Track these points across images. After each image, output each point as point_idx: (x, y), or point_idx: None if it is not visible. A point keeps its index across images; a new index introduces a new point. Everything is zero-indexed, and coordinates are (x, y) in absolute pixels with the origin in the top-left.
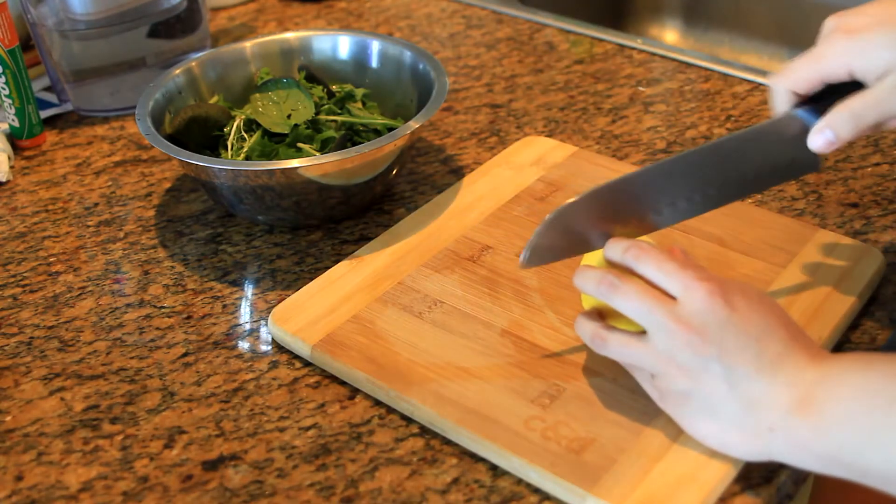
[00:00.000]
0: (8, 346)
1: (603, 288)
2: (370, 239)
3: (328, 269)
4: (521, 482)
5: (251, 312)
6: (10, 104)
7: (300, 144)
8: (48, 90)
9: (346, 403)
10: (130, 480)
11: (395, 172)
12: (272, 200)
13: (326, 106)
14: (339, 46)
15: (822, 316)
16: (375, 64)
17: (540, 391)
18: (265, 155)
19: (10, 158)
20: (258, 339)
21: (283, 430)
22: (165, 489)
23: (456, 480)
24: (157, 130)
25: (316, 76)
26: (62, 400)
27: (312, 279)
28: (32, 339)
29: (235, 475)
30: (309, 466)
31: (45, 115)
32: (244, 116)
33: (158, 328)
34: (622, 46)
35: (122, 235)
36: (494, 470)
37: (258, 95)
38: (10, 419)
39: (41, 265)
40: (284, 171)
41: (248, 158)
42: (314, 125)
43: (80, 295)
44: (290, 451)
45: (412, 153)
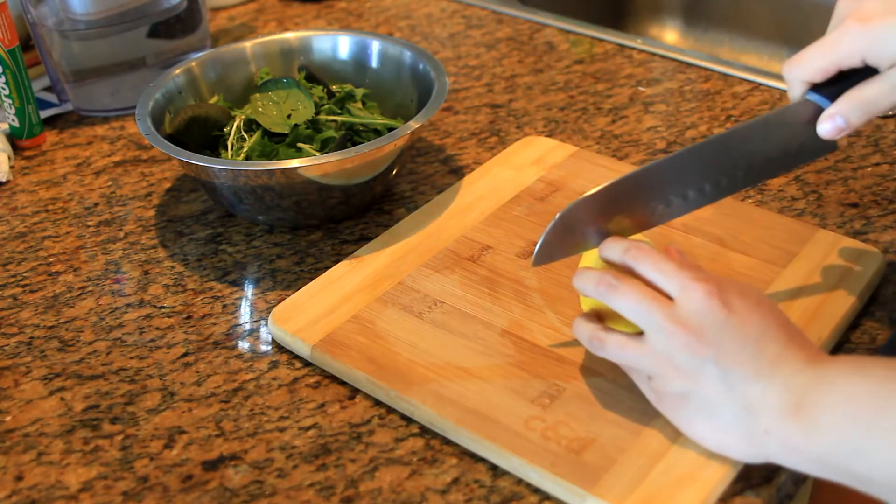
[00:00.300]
0: (8, 346)
1: (601, 288)
2: (370, 239)
3: (328, 269)
4: (521, 482)
5: (251, 312)
6: (10, 104)
7: (300, 144)
8: (48, 90)
9: (346, 403)
10: (130, 480)
11: (395, 172)
12: (272, 200)
13: (326, 106)
14: (339, 46)
15: (822, 316)
16: (375, 64)
17: (540, 391)
18: (265, 155)
19: (10, 158)
20: (258, 339)
21: (283, 430)
22: (165, 489)
23: (456, 480)
24: (157, 130)
25: (316, 76)
26: (62, 400)
27: (312, 279)
28: (32, 339)
29: (235, 475)
30: (309, 466)
31: (45, 115)
32: (244, 116)
33: (158, 328)
34: (622, 46)
35: (122, 235)
36: (494, 470)
37: (258, 95)
38: (10, 419)
39: (41, 265)
40: (284, 171)
41: (248, 158)
42: (314, 125)
43: (80, 295)
44: (290, 451)
45: (412, 153)
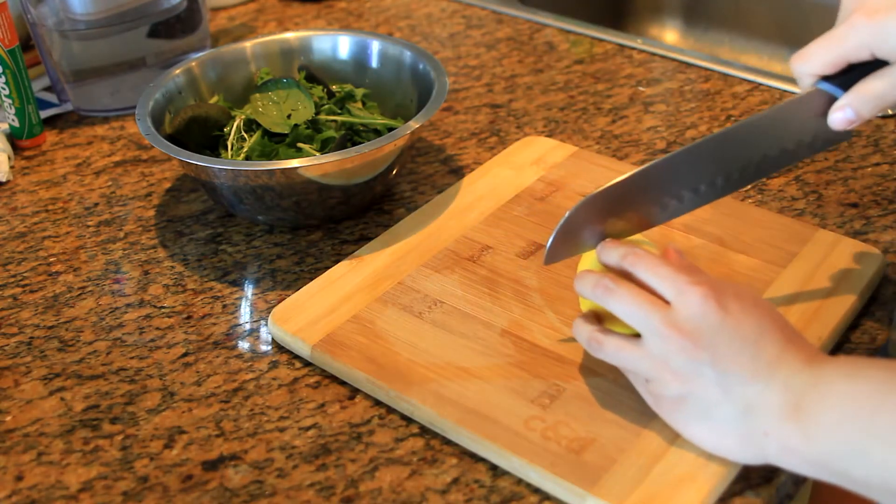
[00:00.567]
0: (8, 346)
1: (599, 291)
2: (370, 239)
3: (328, 269)
4: (521, 482)
5: (251, 312)
6: (10, 104)
7: (300, 144)
8: (48, 90)
9: (346, 403)
10: (130, 480)
11: (395, 172)
12: (272, 200)
13: (326, 106)
14: (339, 46)
15: (822, 316)
16: (375, 64)
17: (540, 391)
18: (265, 155)
19: (10, 158)
20: (258, 339)
21: (283, 430)
22: (165, 489)
23: (456, 480)
24: (157, 130)
25: (316, 76)
26: (62, 400)
27: (312, 279)
28: (32, 339)
29: (235, 475)
30: (309, 466)
31: (45, 115)
32: (244, 116)
33: (158, 328)
34: (622, 46)
35: (122, 235)
36: (494, 470)
37: (258, 95)
38: (10, 419)
39: (41, 265)
40: (284, 171)
41: (248, 158)
42: (314, 125)
43: (80, 295)
44: (290, 451)
45: (412, 153)
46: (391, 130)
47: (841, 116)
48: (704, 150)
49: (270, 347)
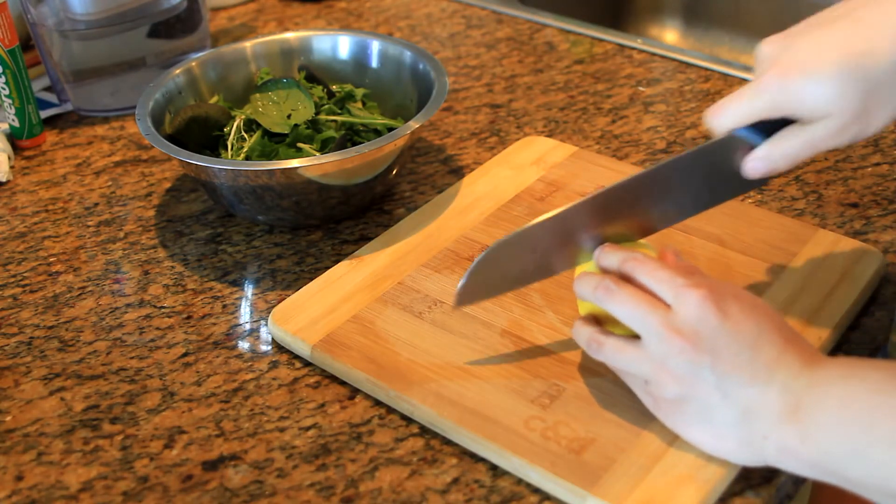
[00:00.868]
0: (8, 346)
1: (599, 293)
2: (370, 239)
3: (328, 269)
4: (521, 482)
5: (251, 312)
6: (10, 104)
7: (300, 144)
8: (48, 90)
9: (346, 403)
10: (130, 480)
11: (395, 172)
12: (272, 200)
13: (326, 106)
14: (339, 46)
15: (822, 316)
16: (375, 64)
17: (540, 391)
18: (265, 155)
19: (10, 158)
20: (258, 339)
21: (283, 430)
22: (165, 489)
23: (456, 480)
24: (157, 130)
25: (316, 76)
26: (62, 400)
27: (312, 279)
28: (32, 339)
29: (235, 475)
30: (309, 466)
31: (45, 115)
32: (244, 116)
33: (158, 328)
34: (622, 46)
35: (122, 235)
36: (494, 470)
37: (258, 95)
38: (10, 419)
39: (41, 265)
40: (284, 171)
41: (248, 158)
42: (314, 125)
43: (80, 295)
44: (290, 451)
45: (412, 153)
46: (391, 130)
47: (755, 167)
48: (622, 192)
49: (270, 347)
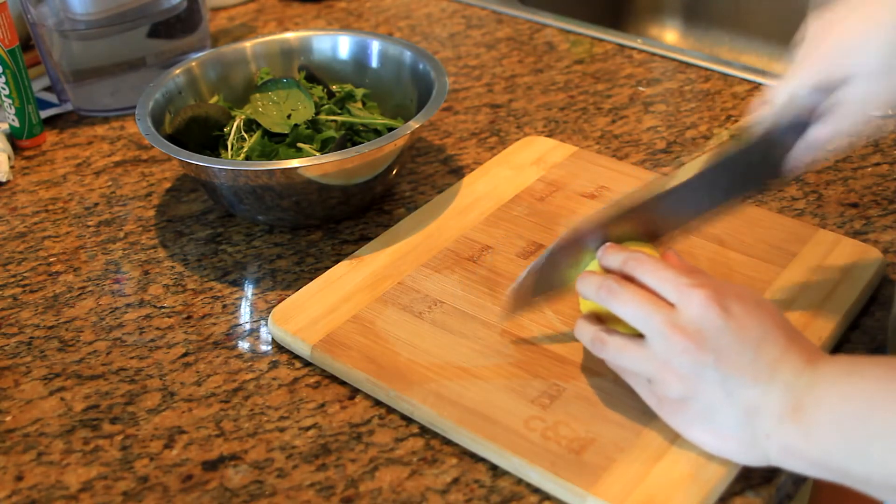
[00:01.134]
0: (8, 346)
1: (602, 293)
2: (370, 239)
3: (328, 269)
4: (521, 482)
5: (251, 312)
6: (10, 104)
7: (300, 144)
8: (48, 90)
9: (346, 403)
10: (130, 480)
11: (395, 172)
12: (272, 200)
13: (326, 106)
14: (339, 46)
15: (822, 316)
16: (375, 64)
17: (540, 391)
18: (265, 155)
19: (10, 158)
20: (258, 339)
21: (283, 430)
22: (165, 489)
23: (456, 480)
24: (157, 130)
25: (316, 76)
26: (62, 400)
27: (312, 279)
28: (32, 339)
29: (235, 475)
30: (309, 466)
31: (45, 115)
32: (244, 116)
33: (158, 328)
34: (622, 46)
35: (122, 235)
36: (494, 470)
37: (258, 95)
38: (10, 419)
39: (41, 265)
40: (284, 171)
41: (248, 158)
42: (314, 125)
43: (80, 295)
44: (290, 451)
45: (412, 153)
46: (391, 130)
47: (820, 136)
48: (681, 190)
49: (270, 347)
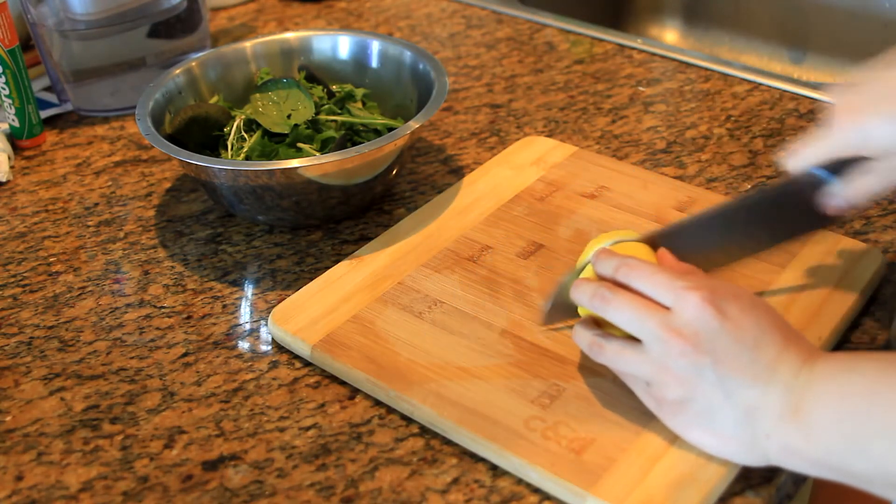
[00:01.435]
0: (8, 346)
1: (596, 302)
2: (370, 239)
3: (328, 269)
4: (521, 482)
5: (251, 312)
6: (10, 104)
7: (300, 144)
8: (48, 90)
9: (346, 403)
10: (130, 480)
11: (395, 172)
12: (272, 200)
13: (326, 106)
14: (339, 46)
15: (822, 316)
16: (375, 64)
17: (540, 391)
18: (265, 155)
19: (10, 158)
20: (258, 339)
21: (283, 430)
22: (165, 489)
23: (456, 480)
24: (157, 130)
25: (316, 76)
26: (62, 400)
27: (312, 279)
28: (32, 339)
29: (235, 475)
30: (309, 466)
31: (45, 115)
32: (244, 116)
33: (158, 328)
34: (622, 46)
35: (122, 235)
36: (494, 470)
37: (258, 95)
38: (10, 419)
39: (41, 265)
40: (284, 171)
41: (248, 158)
42: (314, 125)
43: (80, 295)
44: (290, 451)
45: (412, 153)
46: (391, 130)
47: (835, 204)
48: (703, 226)
49: (270, 347)
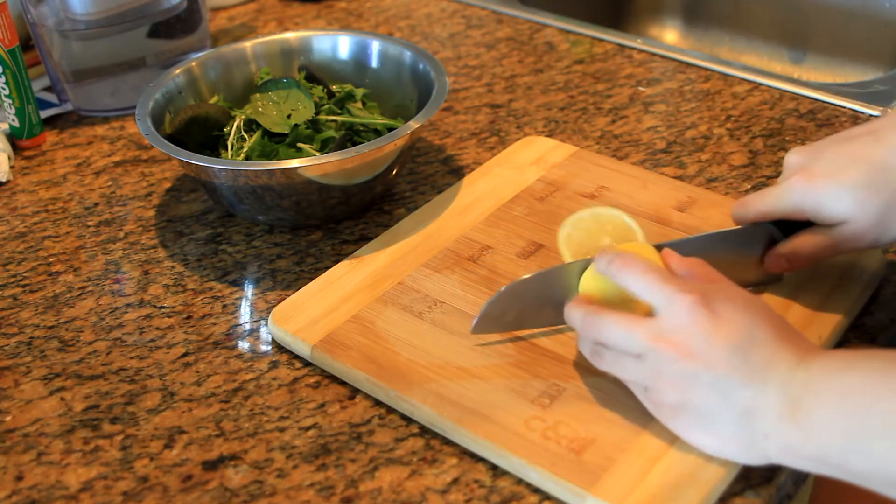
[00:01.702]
0: (8, 346)
1: (586, 325)
2: (370, 239)
3: (328, 269)
4: (521, 482)
5: (251, 312)
6: (10, 104)
7: (300, 144)
8: (48, 90)
9: (346, 403)
10: (130, 480)
11: (395, 172)
12: (272, 200)
13: (326, 106)
14: (339, 46)
15: (822, 316)
16: (375, 64)
17: (540, 391)
18: (265, 155)
19: (10, 158)
20: (258, 339)
21: (283, 430)
22: (165, 489)
23: (456, 480)
24: (157, 130)
25: (316, 76)
26: (62, 400)
27: (312, 279)
28: (32, 339)
29: (235, 475)
30: (309, 466)
31: (45, 115)
32: (244, 116)
33: (158, 328)
34: (622, 46)
35: (122, 235)
36: (494, 470)
37: (258, 95)
38: (10, 419)
39: (41, 265)
40: (284, 171)
41: (248, 158)
42: (314, 125)
43: (80, 295)
44: (290, 451)
45: (412, 153)
46: (391, 130)
47: (777, 262)
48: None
49: (270, 347)
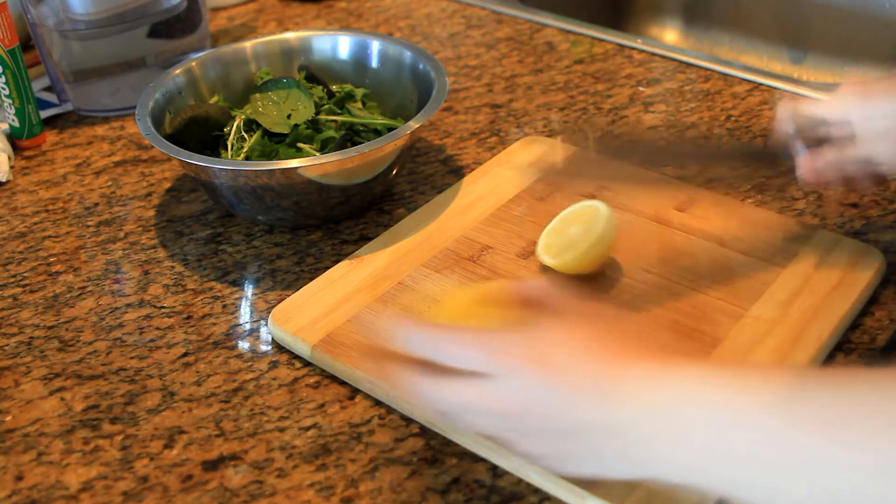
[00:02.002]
0: (8, 346)
1: (430, 392)
2: (370, 239)
3: (328, 269)
4: (521, 482)
5: (251, 312)
6: (10, 104)
7: (300, 144)
8: (48, 90)
9: (346, 403)
10: (130, 480)
11: (395, 172)
12: (272, 200)
13: (326, 106)
14: (339, 46)
15: (822, 316)
16: (375, 64)
17: None
18: (265, 155)
19: (10, 158)
20: (258, 339)
21: (283, 430)
22: (165, 489)
23: (456, 480)
24: (157, 130)
25: (316, 76)
26: (62, 400)
27: (312, 279)
28: (32, 339)
29: (235, 475)
30: (309, 466)
31: (45, 115)
32: (244, 116)
33: (158, 328)
34: (622, 46)
35: (122, 235)
36: (494, 470)
37: (258, 95)
38: (10, 419)
39: (41, 265)
40: (284, 171)
41: (248, 158)
42: (314, 125)
43: (80, 295)
44: (290, 451)
45: (412, 153)
46: (391, 130)
47: (809, 173)
48: None
49: (270, 347)
